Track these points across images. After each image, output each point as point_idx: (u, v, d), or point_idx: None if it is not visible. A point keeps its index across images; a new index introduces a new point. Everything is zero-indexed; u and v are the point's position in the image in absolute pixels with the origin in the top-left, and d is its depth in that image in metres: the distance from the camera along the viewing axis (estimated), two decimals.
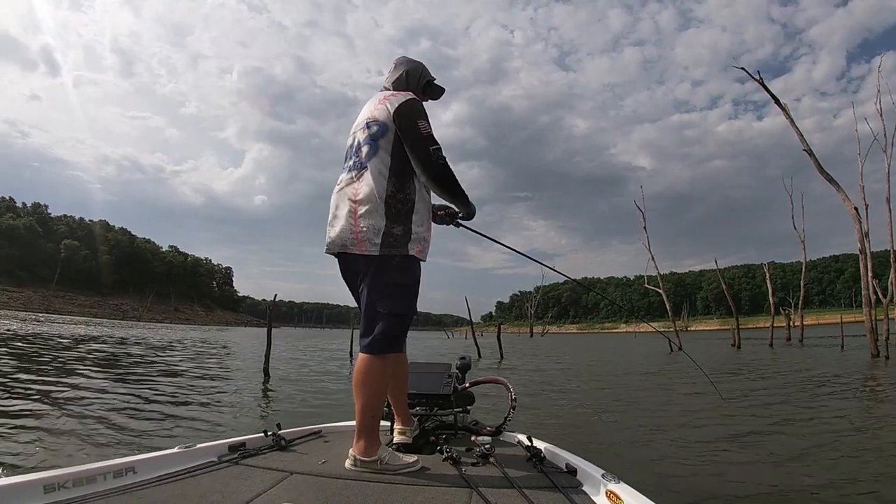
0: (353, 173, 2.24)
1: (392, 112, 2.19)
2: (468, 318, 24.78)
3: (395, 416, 2.53)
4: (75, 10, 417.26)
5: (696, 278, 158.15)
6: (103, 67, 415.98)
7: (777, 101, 17.35)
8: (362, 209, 2.15)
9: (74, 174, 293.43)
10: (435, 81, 2.59)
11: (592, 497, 1.79)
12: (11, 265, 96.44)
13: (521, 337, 66.84)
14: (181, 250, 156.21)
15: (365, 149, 2.23)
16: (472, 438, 2.49)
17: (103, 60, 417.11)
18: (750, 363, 15.74)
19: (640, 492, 1.65)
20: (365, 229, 2.14)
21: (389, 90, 2.42)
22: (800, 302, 36.24)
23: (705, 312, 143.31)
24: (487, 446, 2.21)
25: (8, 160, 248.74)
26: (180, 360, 14.24)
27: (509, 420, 2.88)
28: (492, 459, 2.16)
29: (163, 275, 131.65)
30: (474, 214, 2.51)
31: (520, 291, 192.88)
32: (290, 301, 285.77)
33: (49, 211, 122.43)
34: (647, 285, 36.09)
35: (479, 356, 19.48)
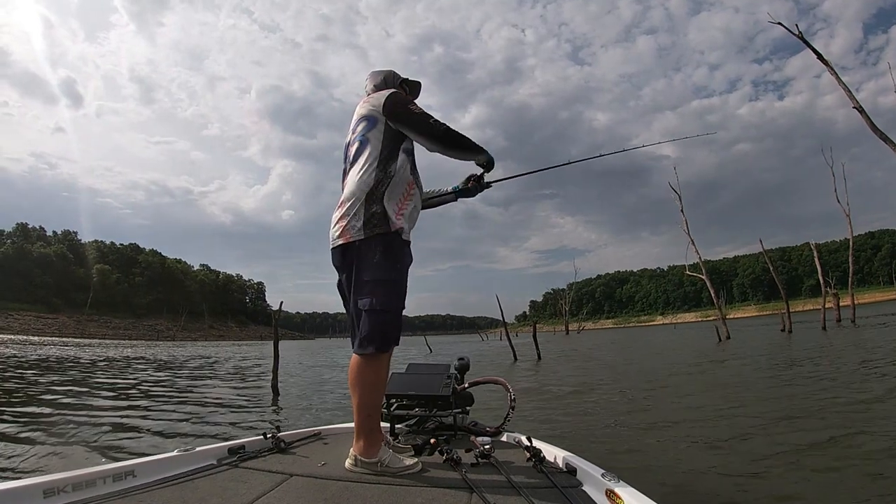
0: (343, 178, 2.39)
1: (380, 106, 2.28)
2: (501, 318, 22.98)
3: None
4: (92, 43, 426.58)
5: (730, 265, 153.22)
6: (124, 96, 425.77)
7: (820, 56, 15.76)
8: (348, 203, 2.22)
9: (104, 201, 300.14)
10: (409, 79, 2.68)
11: (593, 497, 1.76)
12: (46, 292, 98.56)
13: (556, 335, 64.65)
14: (212, 268, 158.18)
15: (354, 147, 2.33)
16: (472, 439, 2.47)
17: (123, 89, 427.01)
18: (815, 349, 14.15)
19: (641, 491, 1.61)
20: (348, 220, 2.20)
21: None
22: (849, 280, 33.70)
23: (742, 299, 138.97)
24: (487, 447, 2.19)
25: (38, 191, 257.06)
26: (182, 381, 13.44)
27: (509, 420, 2.91)
28: (492, 460, 2.15)
29: (195, 293, 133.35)
30: (493, 161, 2.45)
31: (553, 289, 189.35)
32: (324, 312, 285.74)
33: (79, 237, 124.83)
34: (688, 272, 34.11)
35: (515, 358, 17.72)
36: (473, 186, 2.68)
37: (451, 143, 2.28)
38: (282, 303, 12.10)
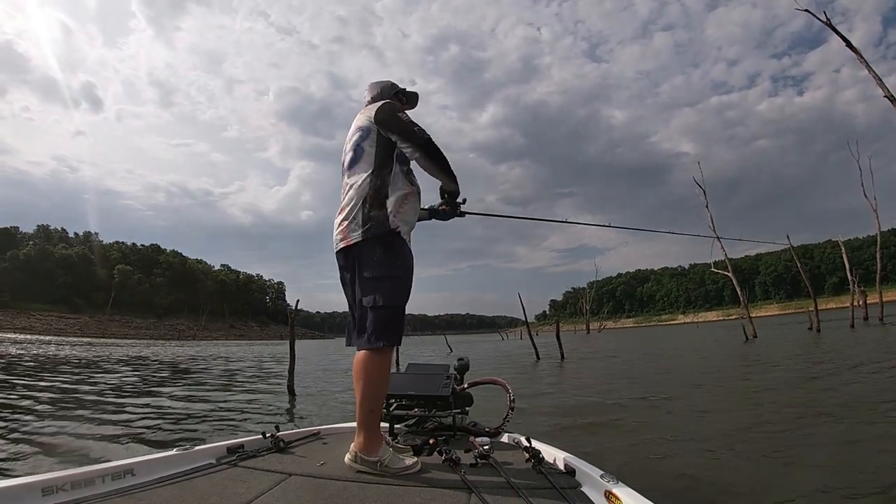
0: (343, 186, 2.46)
1: (372, 116, 2.38)
2: (522, 317, 22.26)
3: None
4: (111, 48, 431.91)
5: (752, 263, 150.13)
6: (143, 100, 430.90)
7: (849, 44, 15.25)
8: (347, 209, 2.34)
9: (126, 203, 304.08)
10: (406, 90, 2.76)
11: (591, 498, 1.77)
12: (68, 293, 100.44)
13: (577, 334, 63.56)
14: (233, 268, 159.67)
15: (349, 156, 2.44)
16: (471, 440, 2.48)
17: (143, 93, 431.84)
18: (851, 349, 13.66)
19: (640, 492, 1.62)
20: (348, 224, 2.31)
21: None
22: (877, 277, 32.72)
23: (764, 297, 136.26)
24: (486, 447, 2.20)
25: (60, 193, 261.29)
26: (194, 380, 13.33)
27: (508, 421, 2.92)
28: (491, 461, 2.15)
29: (216, 293, 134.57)
30: (457, 193, 2.61)
31: (573, 288, 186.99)
32: (343, 312, 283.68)
33: (100, 238, 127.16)
34: (714, 269, 33.38)
35: (538, 358, 17.33)
36: (444, 211, 2.74)
37: (430, 154, 2.34)
38: (297, 301, 11.78)
